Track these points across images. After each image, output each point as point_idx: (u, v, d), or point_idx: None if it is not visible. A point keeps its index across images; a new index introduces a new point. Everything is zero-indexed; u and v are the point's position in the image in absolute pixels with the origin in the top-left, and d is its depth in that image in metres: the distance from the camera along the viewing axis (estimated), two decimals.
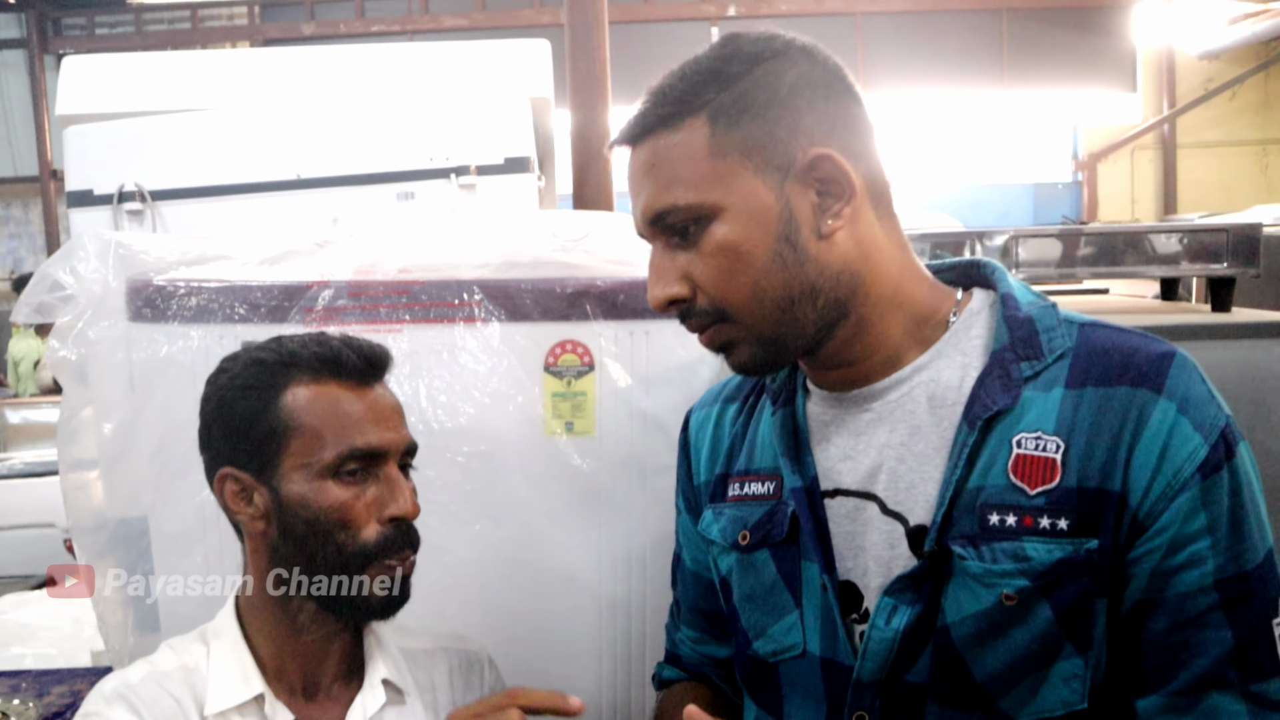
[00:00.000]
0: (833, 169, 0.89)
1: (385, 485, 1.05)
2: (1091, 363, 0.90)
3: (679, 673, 1.21)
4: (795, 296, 0.90)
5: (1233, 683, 0.85)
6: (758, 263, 0.89)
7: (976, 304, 0.97)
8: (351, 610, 1.06)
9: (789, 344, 0.93)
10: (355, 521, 1.03)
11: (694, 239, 0.91)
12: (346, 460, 1.02)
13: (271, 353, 1.06)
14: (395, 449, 1.06)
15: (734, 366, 0.97)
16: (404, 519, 1.05)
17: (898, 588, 0.91)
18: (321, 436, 1.02)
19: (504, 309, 1.37)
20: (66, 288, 1.45)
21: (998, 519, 0.87)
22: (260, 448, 1.03)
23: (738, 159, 0.89)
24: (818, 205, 0.90)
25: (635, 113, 0.94)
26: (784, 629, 0.99)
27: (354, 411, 1.04)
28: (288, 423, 1.03)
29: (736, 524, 1.04)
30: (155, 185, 2.04)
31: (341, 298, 1.36)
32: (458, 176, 2.05)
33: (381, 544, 1.04)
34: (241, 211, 2.02)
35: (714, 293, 0.91)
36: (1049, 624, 0.87)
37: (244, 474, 1.04)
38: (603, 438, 1.40)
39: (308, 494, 1.02)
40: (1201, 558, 0.85)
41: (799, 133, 0.89)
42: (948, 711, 0.90)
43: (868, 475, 0.95)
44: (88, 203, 2.05)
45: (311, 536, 1.03)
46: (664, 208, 0.91)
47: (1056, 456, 0.87)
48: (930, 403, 0.93)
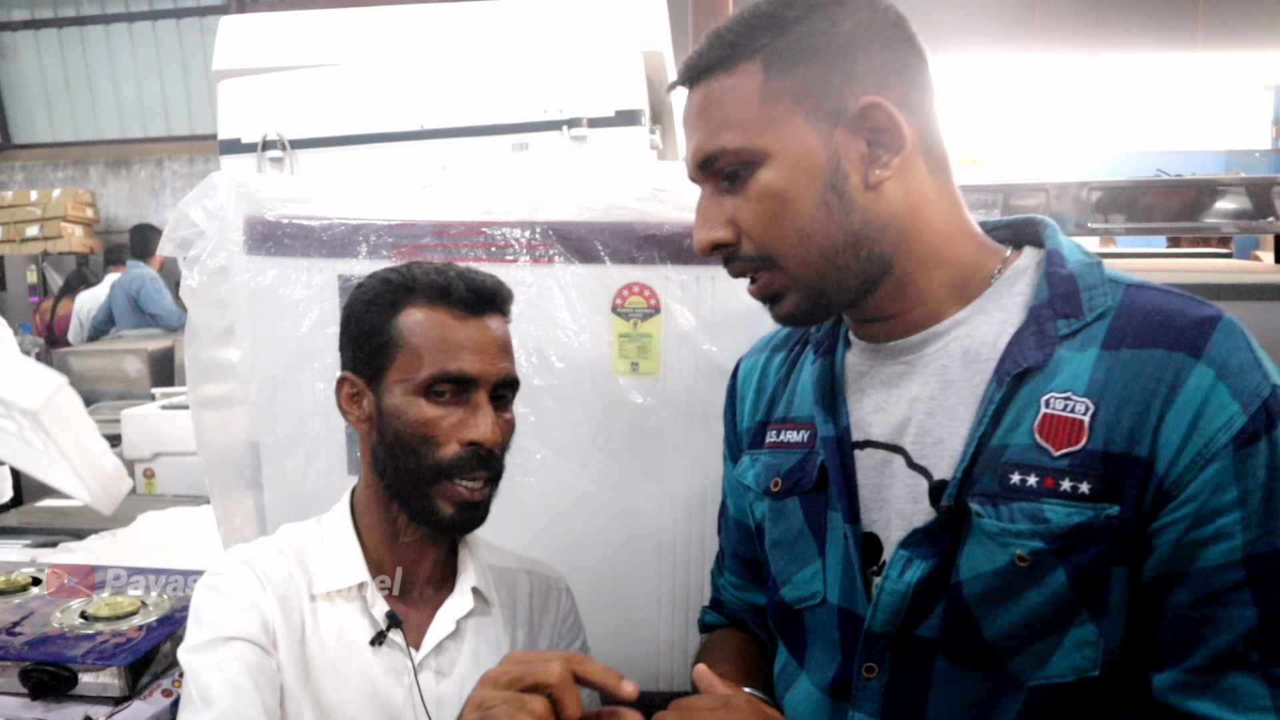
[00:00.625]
0: (884, 118, 0.88)
1: (471, 411, 1.11)
2: (1131, 324, 0.87)
3: (720, 618, 1.24)
4: (840, 245, 0.90)
5: (1255, 664, 0.81)
6: (803, 210, 0.89)
7: (1024, 261, 0.95)
8: (426, 520, 1.14)
9: (832, 295, 0.93)
10: (437, 438, 1.10)
11: (741, 184, 0.91)
12: (438, 381, 1.10)
13: (398, 275, 1.15)
14: (487, 378, 1.12)
15: (778, 317, 0.98)
16: (481, 444, 1.11)
17: (913, 541, 0.90)
18: (421, 356, 1.11)
19: (575, 251, 1.44)
20: (198, 224, 1.61)
21: (1019, 478, 0.86)
22: (373, 358, 1.14)
23: (789, 104, 0.88)
24: (867, 155, 0.89)
25: (692, 54, 0.94)
26: (807, 577, 1.00)
27: (454, 338, 1.11)
28: (397, 339, 1.12)
29: (770, 471, 1.05)
30: (294, 134, 2.20)
31: (426, 236, 1.45)
32: (570, 128, 2.12)
33: (456, 463, 1.10)
34: (370, 159, 2.16)
35: (758, 238, 0.92)
36: (1063, 588, 0.84)
37: (359, 379, 1.16)
38: (666, 379, 1.46)
39: (401, 406, 1.11)
40: (1230, 532, 0.81)
41: (853, 80, 0.88)
42: (957, 668, 0.89)
43: (897, 427, 0.95)
44: (236, 150, 2.23)
45: (399, 445, 1.11)
46: (713, 151, 0.91)
47: (1085, 418, 0.84)
48: (964, 358, 0.92)
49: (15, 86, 9.79)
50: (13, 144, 9.91)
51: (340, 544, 1.19)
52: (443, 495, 1.12)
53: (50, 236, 8.30)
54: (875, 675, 0.93)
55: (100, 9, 9.39)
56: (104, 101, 9.59)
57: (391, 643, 1.15)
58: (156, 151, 9.48)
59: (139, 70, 9.43)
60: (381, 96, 2.17)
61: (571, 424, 1.46)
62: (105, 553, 2.50)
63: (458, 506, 1.12)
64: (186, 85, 9.36)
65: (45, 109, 9.76)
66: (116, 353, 5.48)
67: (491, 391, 1.13)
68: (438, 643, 1.16)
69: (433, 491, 1.12)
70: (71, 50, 9.51)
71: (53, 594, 1.87)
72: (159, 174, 9.47)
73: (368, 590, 1.16)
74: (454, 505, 1.12)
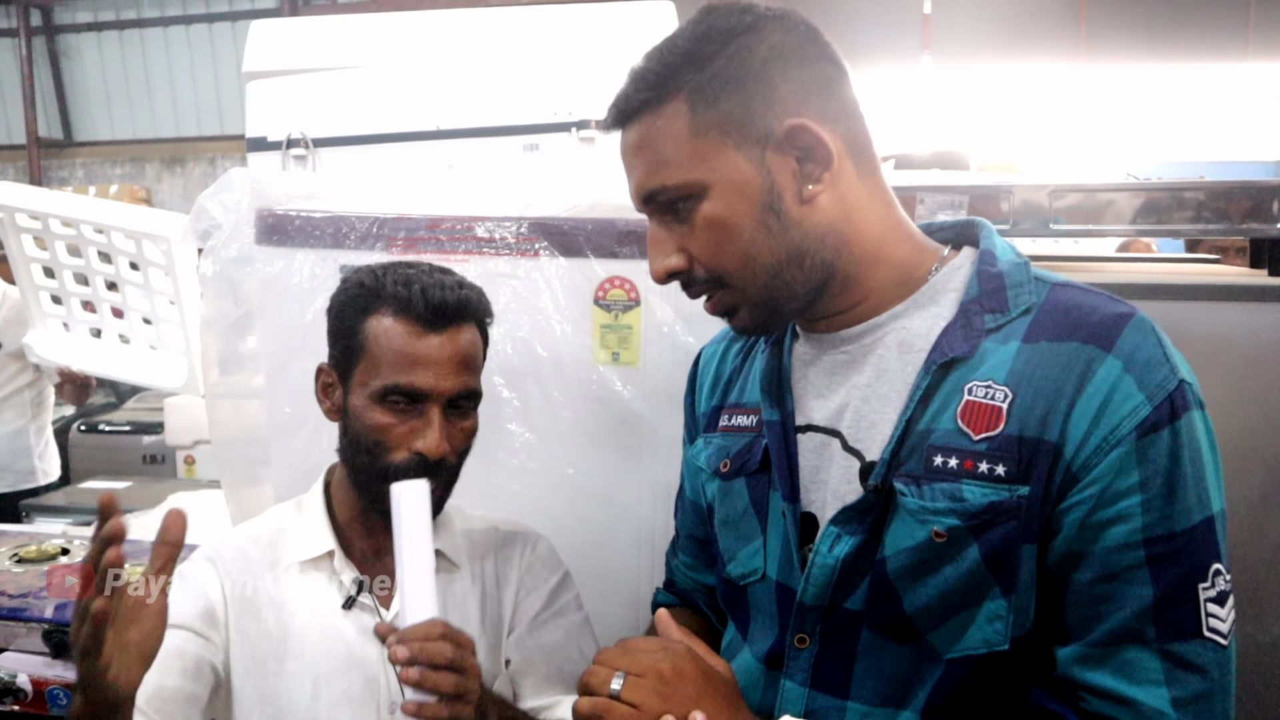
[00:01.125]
0: (809, 137, 0.93)
1: (423, 422, 1.17)
2: (1051, 319, 0.92)
3: (672, 598, 1.30)
4: (783, 261, 0.95)
5: (1150, 639, 0.86)
6: (745, 233, 0.94)
7: (959, 260, 1.00)
8: (377, 512, 1.19)
9: (782, 305, 0.99)
10: (388, 443, 1.17)
11: (685, 215, 0.96)
12: (390, 393, 1.16)
13: (371, 278, 1.21)
14: (438, 393, 1.16)
15: (736, 329, 1.05)
16: (427, 455, 1.16)
17: (843, 518, 0.96)
18: (379, 366, 1.17)
19: (559, 245, 1.51)
20: (215, 216, 1.71)
21: (941, 460, 0.91)
22: (344, 356, 1.21)
23: (718, 136, 0.92)
24: (798, 172, 0.94)
25: (618, 95, 0.98)
26: (750, 553, 1.06)
27: (410, 352, 1.16)
28: (363, 344, 1.18)
29: (721, 453, 1.12)
30: (317, 133, 2.29)
31: (420, 230, 1.54)
32: (578, 130, 2.19)
33: (403, 468, 1.15)
34: (386, 157, 2.25)
35: (708, 263, 0.97)
36: (976, 564, 0.89)
37: (332, 373, 1.23)
38: (646, 368, 1.52)
39: (360, 409, 1.18)
40: (1131, 514, 0.85)
41: (774, 104, 0.93)
42: (880, 640, 0.95)
43: (835, 413, 1.00)
44: (262, 148, 2.33)
45: (357, 443, 1.19)
46: (654, 188, 0.96)
47: (1003, 405, 0.89)
48: (899, 348, 0.97)
49: (77, 86, 10.11)
50: (74, 141, 10.23)
51: (312, 519, 1.28)
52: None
53: None
54: (806, 646, 0.99)
55: (159, 12, 9.67)
56: (161, 101, 9.87)
57: (362, 605, 1.23)
58: (210, 150, 9.73)
59: (195, 71, 9.69)
60: (399, 98, 2.25)
61: (554, 410, 1.53)
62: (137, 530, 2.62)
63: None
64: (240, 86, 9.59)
65: (105, 108, 10.06)
66: None
67: (449, 402, 1.18)
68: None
69: (383, 490, 1.16)
70: (131, 51, 9.80)
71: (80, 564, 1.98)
72: (212, 171, 9.72)
73: (335, 559, 1.24)
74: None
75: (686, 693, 0.89)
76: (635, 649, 0.94)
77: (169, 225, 2.74)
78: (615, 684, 0.89)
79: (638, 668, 0.90)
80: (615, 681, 0.89)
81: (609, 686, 0.89)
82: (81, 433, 4.99)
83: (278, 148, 2.32)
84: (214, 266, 1.68)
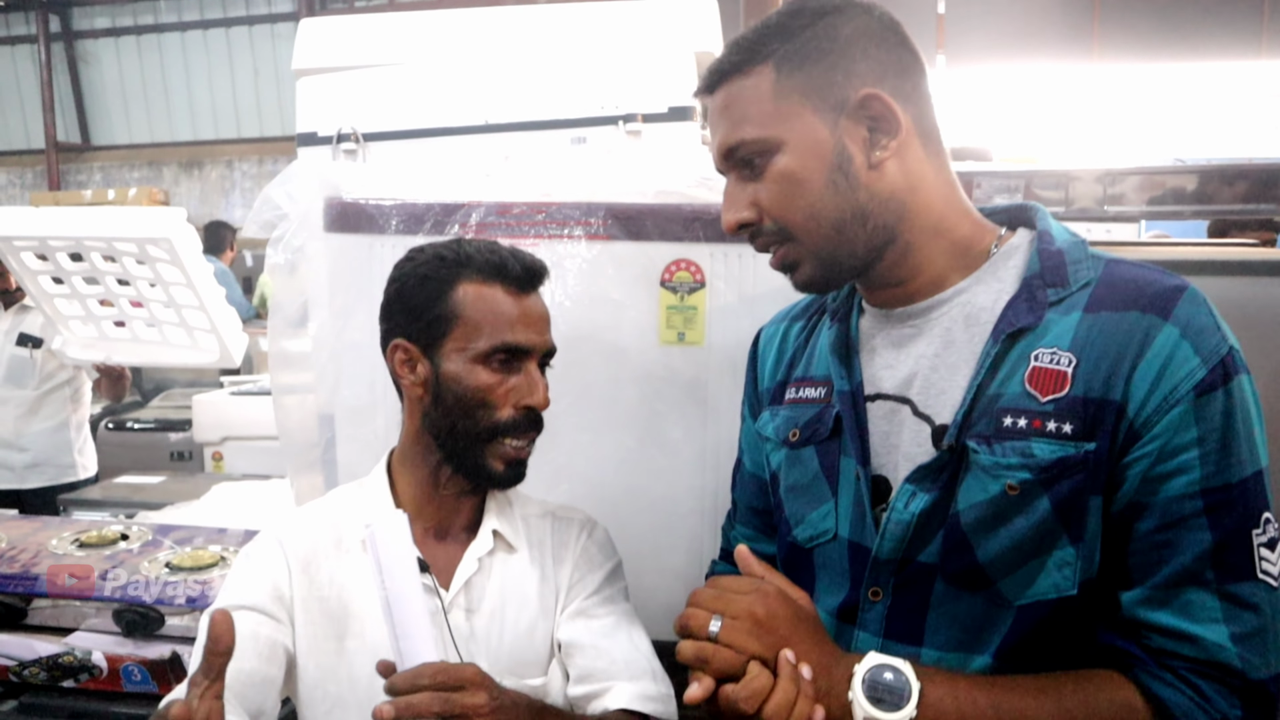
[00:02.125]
0: (881, 107, 1.02)
1: (525, 378, 1.24)
2: (1109, 291, 0.99)
3: (730, 567, 1.32)
4: (848, 218, 1.03)
5: (1209, 581, 0.93)
6: (814, 188, 1.03)
7: (1018, 240, 1.08)
8: (476, 475, 1.26)
9: (843, 263, 1.07)
10: (495, 402, 1.22)
11: (760, 169, 1.05)
12: (497, 352, 1.21)
13: (451, 251, 1.25)
14: (538, 349, 1.25)
15: (796, 285, 1.11)
16: (534, 409, 1.24)
17: (917, 476, 1.03)
18: (480, 328, 1.21)
19: (626, 229, 1.55)
20: (282, 206, 1.75)
21: (1011, 421, 0.98)
22: (429, 328, 1.23)
23: (798, 100, 1.02)
24: (868, 139, 1.02)
25: (713, 62, 1.08)
26: (820, 516, 1.13)
27: (509, 312, 1.22)
28: (455, 312, 1.22)
29: (789, 423, 1.18)
30: (367, 128, 2.34)
31: (491, 215, 1.58)
32: (625, 123, 2.23)
33: (510, 425, 1.23)
34: (437, 151, 2.30)
35: (777, 214, 1.05)
36: (1047, 514, 0.97)
37: (413, 346, 1.25)
38: (710, 347, 1.57)
39: (461, 373, 1.22)
40: (1189, 466, 0.93)
41: (853, 76, 1.02)
42: (953, 590, 1.02)
43: (904, 381, 1.07)
44: (313, 143, 2.38)
45: (457, 408, 1.22)
46: (734, 143, 1.05)
47: (1068, 370, 0.97)
48: (965, 321, 1.05)
49: (95, 91, 10.20)
50: (92, 145, 10.31)
51: (375, 498, 1.30)
52: (494, 454, 1.24)
53: None
54: (879, 599, 1.06)
55: (177, 17, 9.76)
56: (178, 105, 9.96)
57: (425, 586, 1.23)
58: (227, 153, 9.81)
59: (212, 75, 9.78)
60: (448, 92, 2.30)
61: (621, 389, 1.57)
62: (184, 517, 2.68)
63: (507, 464, 1.25)
64: (257, 89, 9.68)
65: (123, 112, 10.15)
66: None
67: (539, 360, 1.26)
68: (464, 581, 1.26)
69: (486, 450, 1.23)
70: (149, 56, 9.89)
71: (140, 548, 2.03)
72: (229, 174, 9.80)
73: None
74: (504, 463, 1.24)
75: (780, 633, 0.95)
76: (729, 590, 0.98)
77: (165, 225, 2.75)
78: (714, 626, 0.94)
79: (733, 610, 0.95)
80: (714, 624, 0.94)
81: (708, 629, 0.93)
82: (109, 430, 5.04)
83: (328, 143, 2.37)
84: (283, 255, 1.73)
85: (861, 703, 0.93)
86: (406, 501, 1.29)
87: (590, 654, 1.27)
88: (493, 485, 1.29)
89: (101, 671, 1.74)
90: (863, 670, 0.94)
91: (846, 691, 0.94)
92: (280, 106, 9.61)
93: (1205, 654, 0.92)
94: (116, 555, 1.98)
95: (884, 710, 0.92)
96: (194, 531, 2.11)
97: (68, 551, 2.01)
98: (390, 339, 1.27)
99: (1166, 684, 0.93)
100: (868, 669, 0.94)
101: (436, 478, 1.28)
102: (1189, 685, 0.92)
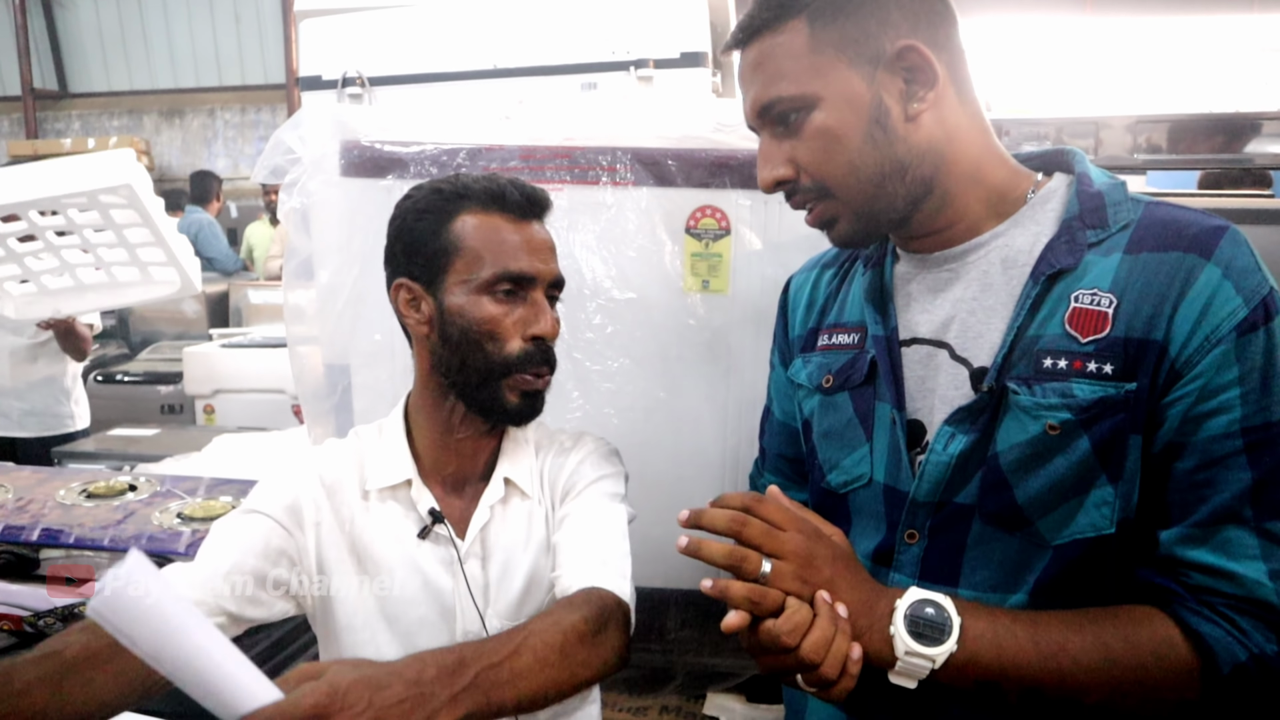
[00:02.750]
0: (918, 58, 0.99)
1: (531, 308, 1.19)
2: (1150, 232, 0.98)
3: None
4: (887, 172, 1.02)
5: (1247, 519, 0.93)
6: (852, 143, 1.01)
7: (1055, 184, 1.07)
8: (491, 412, 1.22)
9: (882, 217, 1.05)
10: (503, 334, 1.18)
11: (796, 126, 1.02)
12: (501, 280, 1.17)
13: (449, 184, 1.22)
14: (543, 278, 1.20)
15: (834, 240, 1.10)
16: (544, 339, 1.20)
17: (957, 418, 1.02)
18: (482, 258, 1.18)
19: (652, 175, 1.54)
20: (294, 150, 1.72)
21: (1050, 362, 0.97)
22: (430, 263, 1.20)
23: (833, 53, 1.00)
24: (905, 91, 1.00)
25: (744, 17, 1.05)
26: (855, 460, 1.12)
27: (511, 240, 1.19)
28: (455, 244, 1.18)
29: (822, 369, 1.17)
30: (373, 72, 2.29)
31: (514, 159, 1.56)
32: (636, 69, 2.20)
33: (522, 358, 1.18)
34: (445, 96, 2.26)
35: (815, 171, 1.03)
36: (1086, 454, 0.96)
37: (415, 284, 1.21)
38: (735, 296, 1.56)
39: (465, 306, 1.18)
40: (1230, 405, 0.92)
41: (888, 27, 0.99)
42: (990, 530, 1.01)
43: (941, 325, 1.06)
44: (317, 87, 2.34)
45: (465, 343, 1.18)
46: (770, 99, 1.03)
47: (1109, 310, 0.96)
48: (1003, 264, 1.04)
49: (71, 37, 9.97)
50: (70, 93, 10.11)
51: (392, 445, 1.27)
52: (510, 387, 1.20)
53: None
54: (915, 541, 1.05)
55: None
56: (158, 52, 9.75)
57: (438, 535, 1.23)
58: (209, 101, 9.65)
59: (192, 21, 9.57)
60: (456, 36, 2.26)
61: (647, 335, 1.56)
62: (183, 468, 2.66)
63: (523, 396, 1.21)
64: (239, 36, 9.49)
65: (101, 59, 9.93)
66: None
67: (546, 290, 1.22)
68: (479, 530, 1.23)
69: (502, 384, 1.19)
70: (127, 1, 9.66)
71: (149, 498, 2.01)
72: (211, 123, 9.64)
73: (413, 488, 1.24)
74: (519, 395, 1.20)
75: (823, 574, 0.94)
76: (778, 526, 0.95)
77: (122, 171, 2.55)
78: (765, 567, 0.93)
79: (782, 551, 0.94)
80: (765, 565, 0.93)
81: (760, 569, 0.92)
82: (99, 383, 5.00)
83: (332, 86, 2.33)
84: (299, 200, 1.69)
85: (903, 637, 0.93)
86: (423, 449, 1.26)
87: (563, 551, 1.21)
88: (509, 421, 1.24)
89: None
90: (904, 605, 0.95)
91: (888, 626, 0.94)
92: (263, 54, 9.44)
93: (1244, 590, 0.93)
94: (126, 505, 1.97)
95: (925, 644, 0.93)
96: (198, 482, 2.10)
97: (76, 502, 1.99)
98: (393, 279, 1.24)
99: (1205, 619, 0.94)
100: (909, 604, 0.95)
101: (450, 421, 1.25)
102: (1227, 620, 0.93)
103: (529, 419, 1.24)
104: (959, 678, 0.94)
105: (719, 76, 2.40)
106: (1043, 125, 1.42)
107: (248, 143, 9.78)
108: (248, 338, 4.67)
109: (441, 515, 1.22)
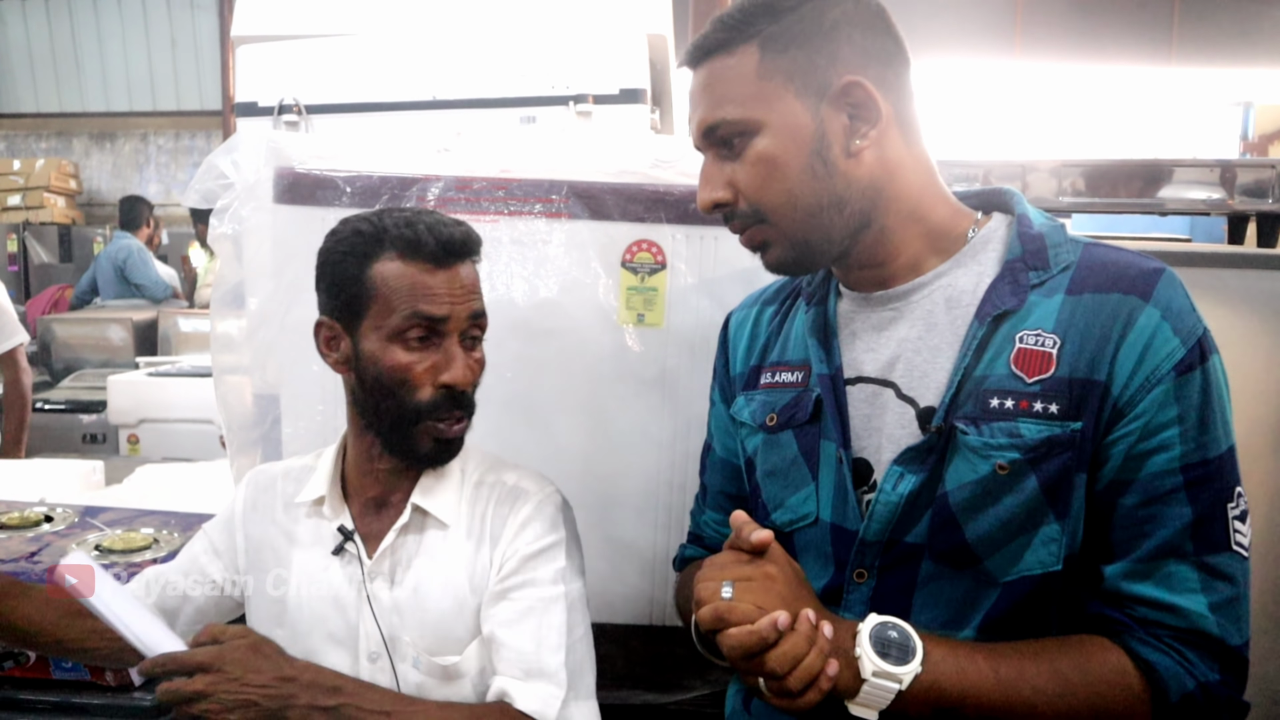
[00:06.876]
0: (863, 95, 1.02)
1: (444, 356, 1.19)
2: (1090, 274, 1.01)
3: (701, 551, 1.35)
4: (824, 204, 1.03)
5: (1188, 553, 0.96)
6: (792, 173, 1.03)
7: (995, 224, 1.10)
8: (405, 455, 1.23)
9: (816, 247, 1.07)
10: (414, 381, 1.18)
11: (738, 150, 1.04)
12: (412, 325, 1.17)
13: (370, 225, 1.21)
14: (456, 318, 1.19)
15: (767, 265, 1.11)
16: (454, 386, 1.19)
17: (906, 458, 1.03)
18: (392, 305, 1.17)
19: (588, 208, 1.54)
20: (227, 175, 1.69)
21: (997, 402, 1.00)
22: (348, 305, 1.20)
23: (781, 82, 1.02)
24: (848, 127, 1.02)
25: (697, 36, 1.07)
26: (800, 499, 1.13)
27: (423, 286, 1.17)
28: (371, 289, 1.18)
29: (766, 407, 1.18)
30: (310, 100, 2.27)
31: (450, 190, 1.55)
32: (575, 104, 2.21)
33: (433, 405, 1.19)
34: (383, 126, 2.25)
35: (753, 197, 1.05)
36: (1035, 493, 0.98)
37: (336, 324, 1.23)
38: (670, 329, 1.56)
39: (377, 352, 1.19)
40: (1170, 444, 0.96)
41: (837, 61, 1.02)
42: (940, 569, 1.03)
43: (887, 364, 1.08)
44: (253, 113, 2.30)
45: (378, 388, 1.20)
46: (715, 121, 1.05)
47: (1053, 351, 0.99)
48: (947, 304, 1.06)
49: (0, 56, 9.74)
50: None
51: (323, 464, 1.32)
52: (423, 433, 1.21)
53: (32, 206, 8.32)
54: (864, 580, 1.06)
55: None
56: (90, 74, 9.58)
57: (348, 553, 1.27)
58: (142, 125, 9.49)
59: (126, 43, 9.43)
60: (395, 66, 2.25)
61: (582, 368, 1.56)
62: (108, 499, 2.58)
63: (436, 443, 1.22)
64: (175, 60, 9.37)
65: (30, 79, 9.73)
66: (101, 321, 5.51)
67: (461, 334, 1.21)
68: (383, 551, 1.25)
69: (414, 430, 1.20)
70: (59, 20, 9.48)
71: (66, 529, 1.95)
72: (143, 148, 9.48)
73: (325, 506, 1.29)
74: (433, 441, 1.22)
75: (795, 592, 0.96)
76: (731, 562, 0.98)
77: None
78: (725, 592, 0.93)
79: (744, 574, 0.95)
80: (725, 590, 0.94)
81: (720, 595, 0.93)
82: None
83: (269, 113, 2.30)
84: (230, 226, 1.67)
85: (870, 656, 0.94)
86: (349, 471, 1.31)
87: (492, 646, 1.22)
88: (423, 465, 1.26)
89: (29, 659, 1.67)
90: (867, 629, 0.96)
91: (853, 649, 0.95)
92: (199, 79, 9.31)
93: (1187, 622, 0.96)
94: (41, 538, 1.90)
95: (892, 663, 0.94)
96: (121, 514, 2.04)
97: None
98: (319, 315, 1.26)
99: (1154, 649, 0.97)
100: (872, 627, 0.96)
101: (370, 453, 1.27)
102: (1174, 651, 0.96)
103: (442, 463, 1.26)
104: (922, 705, 0.95)
105: (657, 113, 2.42)
106: (972, 167, 1.46)
107: (181, 169, 9.62)
108: (176, 366, 4.57)
109: (352, 533, 1.26)
